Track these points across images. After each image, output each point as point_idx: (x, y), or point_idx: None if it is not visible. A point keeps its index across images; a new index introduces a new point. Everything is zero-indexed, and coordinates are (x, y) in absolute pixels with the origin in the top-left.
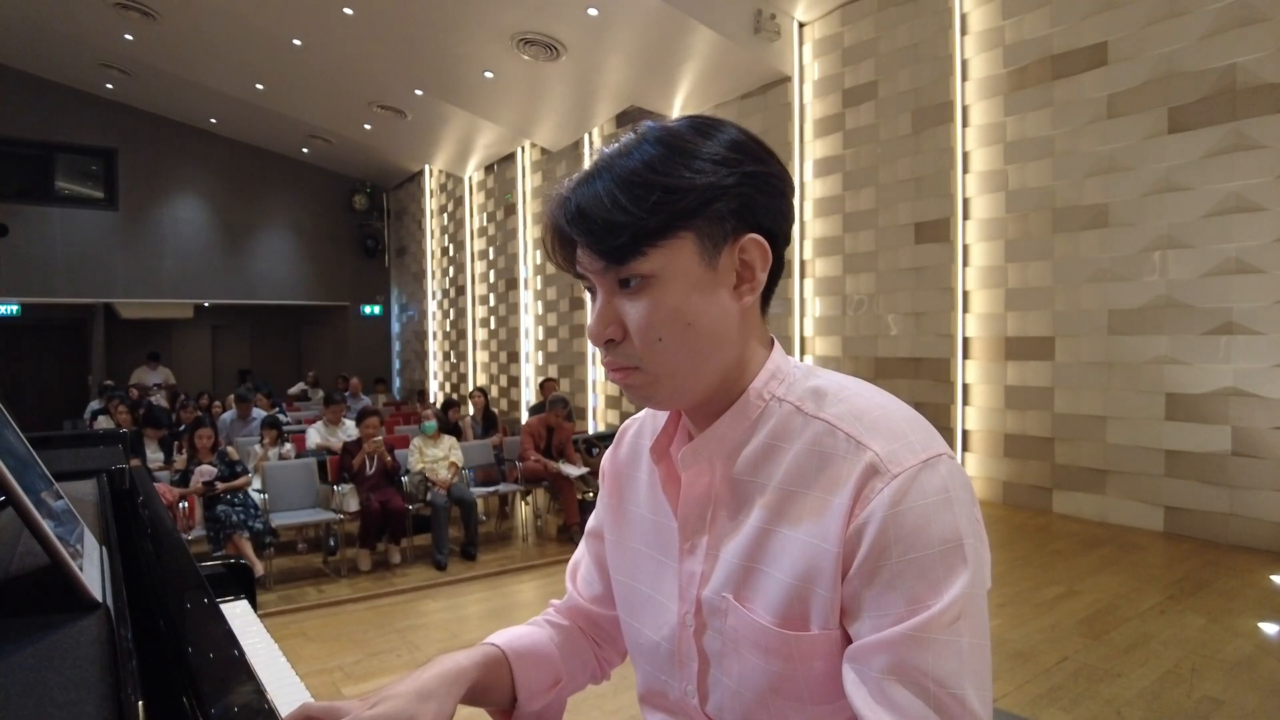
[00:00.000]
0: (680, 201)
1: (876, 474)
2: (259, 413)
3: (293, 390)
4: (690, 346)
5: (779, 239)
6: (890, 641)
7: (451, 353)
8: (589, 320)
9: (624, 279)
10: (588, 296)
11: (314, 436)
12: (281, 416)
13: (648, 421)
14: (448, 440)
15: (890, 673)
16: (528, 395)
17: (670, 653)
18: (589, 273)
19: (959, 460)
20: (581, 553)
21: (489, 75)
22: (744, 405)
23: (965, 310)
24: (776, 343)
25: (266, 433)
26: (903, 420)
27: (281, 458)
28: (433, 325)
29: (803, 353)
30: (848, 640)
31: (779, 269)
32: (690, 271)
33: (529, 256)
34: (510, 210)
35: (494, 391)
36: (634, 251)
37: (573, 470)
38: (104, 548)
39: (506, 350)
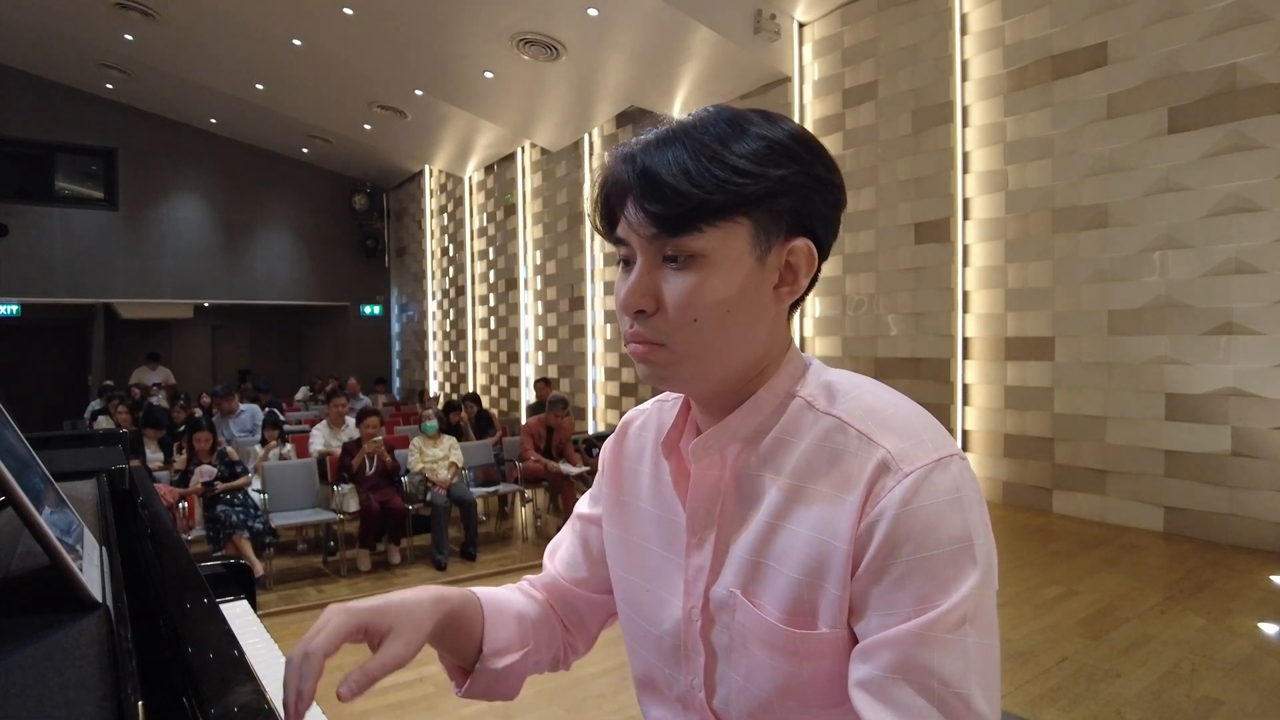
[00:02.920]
0: (749, 187)
1: (888, 471)
2: (246, 407)
3: (298, 396)
4: (722, 333)
5: (824, 251)
6: (896, 640)
7: (451, 353)
8: (621, 288)
9: (671, 255)
10: (620, 267)
11: (318, 442)
12: (277, 414)
13: (653, 416)
14: (448, 440)
15: (895, 671)
16: (528, 395)
17: (674, 647)
18: (636, 237)
19: None
20: (565, 534)
21: (489, 75)
22: (758, 401)
23: (965, 310)
24: (794, 343)
25: (268, 433)
26: (915, 418)
27: (282, 458)
28: (433, 325)
29: (802, 353)
30: (854, 641)
31: (815, 280)
32: (740, 260)
33: (529, 256)
34: (510, 210)
35: (494, 392)
36: (691, 226)
37: (572, 470)
38: (104, 548)
39: (506, 350)
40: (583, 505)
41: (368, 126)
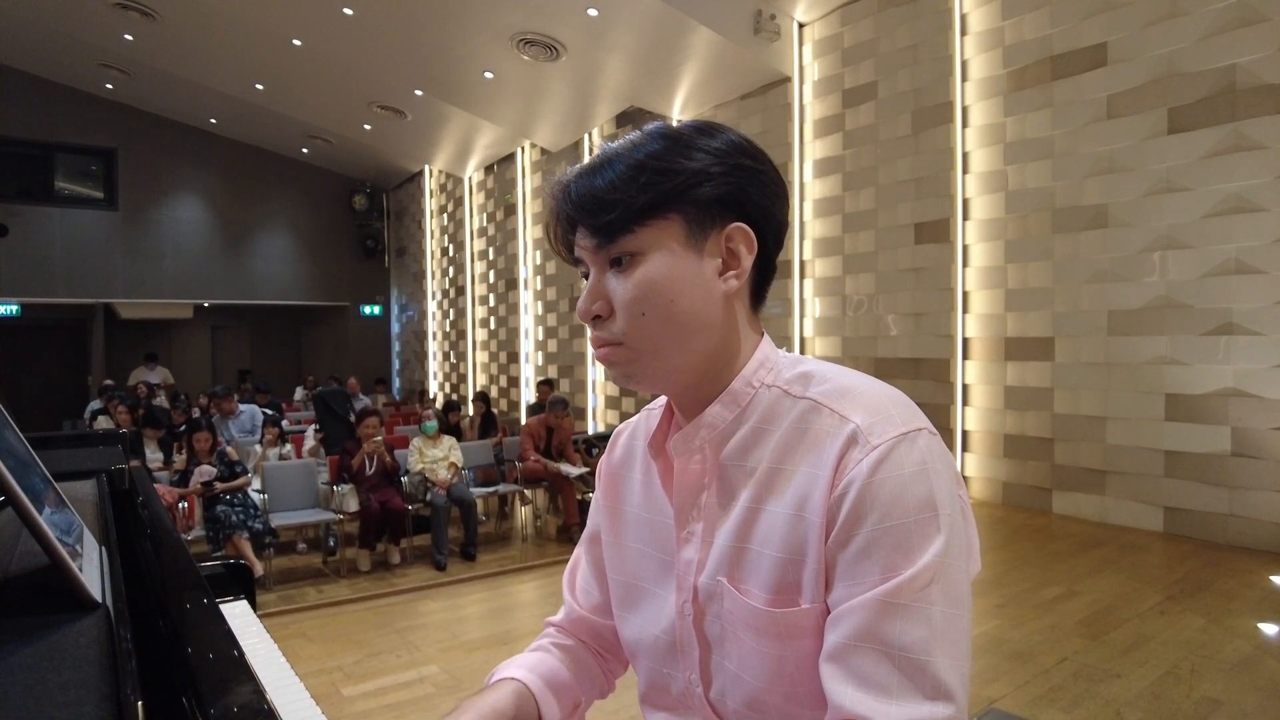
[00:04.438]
0: (669, 182)
1: (856, 445)
2: (245, 408)
3: (298, 397)
4: (672, 324)
5: (768, 236)
6: (860, 607)
7: (451, 353)
8: (580, 299)
9: (615, 258)
10: (583, 282)
11: (310, 439)
12: (275, 413)
13: (642, 423)
14: (448, 440)
15: (857, 639)
16: (527, 395)
17: (670, 644)
18: (584, 251)
19: (956, 456)
20: (578, 559)
21: (489, 75)
22: (733, 393)
23: (965, 311)
24: (766, 334)
25: (269, 431)
26: (886, 397)
27: (281, 458)
28: (432, 325)
29: (803, 353)
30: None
31: (771, 270)
32: (677, 252)
33: (529, 256)
34: (510, 210)
35: (494, 392)
36: (623, 229)
37: (572, 470)
38: (104, 548)
39: (506, 350)
40: (589, 527)
41: (368, 126)
